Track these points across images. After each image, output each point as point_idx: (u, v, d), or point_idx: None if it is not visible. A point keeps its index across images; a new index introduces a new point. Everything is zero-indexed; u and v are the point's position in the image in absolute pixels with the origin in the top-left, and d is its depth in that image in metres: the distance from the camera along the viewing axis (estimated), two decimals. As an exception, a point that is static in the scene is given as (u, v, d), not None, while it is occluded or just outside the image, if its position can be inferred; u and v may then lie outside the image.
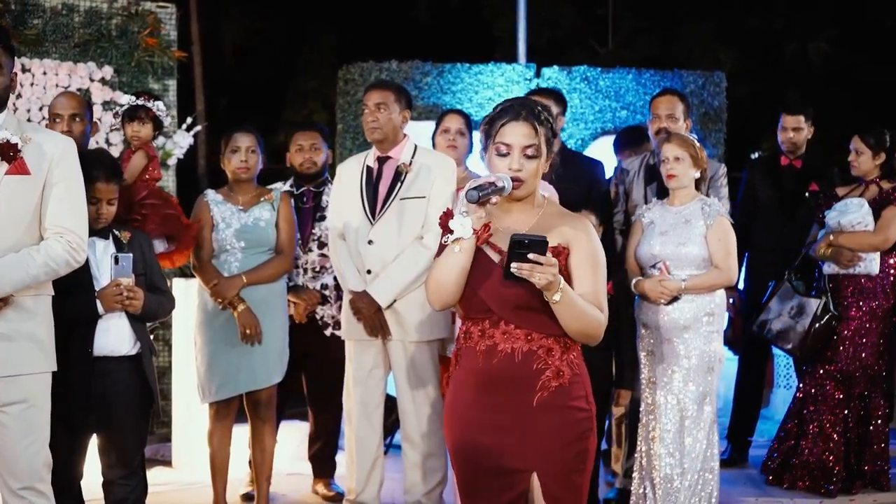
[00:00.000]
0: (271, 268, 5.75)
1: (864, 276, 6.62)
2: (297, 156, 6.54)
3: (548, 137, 3.59)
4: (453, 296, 3.60)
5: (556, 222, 3.61)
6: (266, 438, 5.85)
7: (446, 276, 3.56)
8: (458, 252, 3.51)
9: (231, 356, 5.68)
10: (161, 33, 7.75)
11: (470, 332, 3.63)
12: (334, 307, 6.38)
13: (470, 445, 3.62)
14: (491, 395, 3.57)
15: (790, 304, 6.59)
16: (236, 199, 5.80)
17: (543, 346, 3.53)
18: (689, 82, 10.37)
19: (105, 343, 4.67)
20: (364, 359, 5.72)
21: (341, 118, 10.35)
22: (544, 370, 3.53)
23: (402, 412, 5.72)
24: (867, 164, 6.69)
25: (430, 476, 5.70)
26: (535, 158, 3.57)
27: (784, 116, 7.45)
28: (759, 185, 7.43)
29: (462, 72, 10.32)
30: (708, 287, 5.57)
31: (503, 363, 3.54)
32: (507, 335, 3.55)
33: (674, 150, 5.64)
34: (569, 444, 3.55)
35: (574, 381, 3.56)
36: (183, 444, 7.02)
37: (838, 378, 6.64)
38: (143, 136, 5.62)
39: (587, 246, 3.58)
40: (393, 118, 5.67)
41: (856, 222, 6.55)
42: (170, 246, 5.52)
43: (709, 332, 5.58)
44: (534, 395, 3.52)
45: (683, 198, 5.69)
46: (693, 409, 5.54)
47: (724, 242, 5.57)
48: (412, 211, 5.61)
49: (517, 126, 3.57)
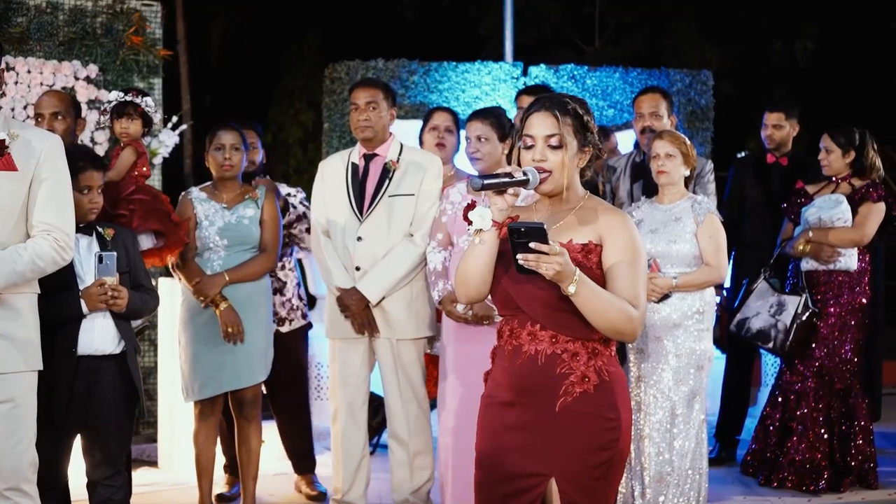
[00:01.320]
0: (254, 266, 5.71)
1: (843, 272, 6.64)
2: None
3: (576, 128, 3.50)
4: (477, 290, 3.53)
5: (591, 218, 3.51)
6: (252, 438, 5.81)
7: (470, 268, 3.50)
8: (480, 244, 3.45)
9: (214, 355, 5.65)
10: (146, 31, 7.70)
11: (502, 331, 3.57)
12: (277, 303, 6.33)
13: (495, 447, 3.55)
14: (519, 396, 3.49)
15: (769, 303, 6.59)
16: (220, 196, 5.78)
17: (569, 349, 3.44)
18: (676, 81, 10.37)
19: (89, 342, 4.63)
20: (350, 357, 5.69)
21: (328, 117, 10.32)
22: (568, 375, 3.43)
23: (390, 410, 5.70)
24: (838, 163, 6.71)
25: (417, 474, 5.68)
26: (559, 149, 3.48)
27: (766, 114, 7.48)
28: (745, 183, 7.45)
29: (449, 70, 10.30)
30: (699, 284, 5.56)
31: (526, 365, 3.46)
32: (532, 336, 3.46)
33: (665, 146, 5.62)
34: (591, 452, 3.43)
35: (601, 388, 3.44)
36: (168, 444, 6.99)
37: (819, 374, 6.64)
38: (132, 133, 5.58)
39: (622, 239, 3.45)
40: (382, 116, 5.66)
41: (835, 218, 6.57)
42: (158, 242, 5.48)
43: (699, 329, 5.57)
44: (556, 399, 3.43)
45: (673, 195, 5.68)
46: (682, 408, 5.53)
47: (715, 240, 5.56)
48: (401, 208, 5.59)
49: (539, 116, 3.52)
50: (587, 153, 3.54)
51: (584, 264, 3.41)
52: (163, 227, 5.45)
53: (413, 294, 5.61)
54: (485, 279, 3.50)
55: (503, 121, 5.51)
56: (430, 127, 6.24)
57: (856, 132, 6.71)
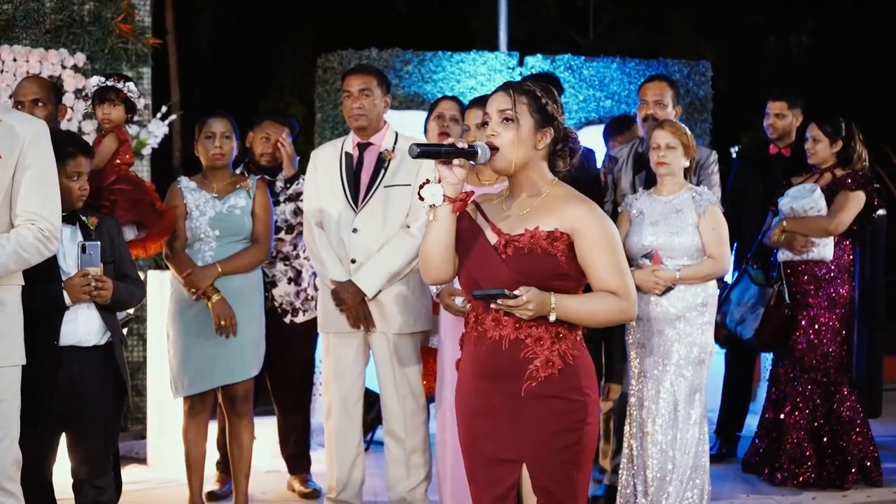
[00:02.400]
0: (247, 257, 5.58)
1: (821, 263, 6.54)
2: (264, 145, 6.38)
3: (532, 108, 3.47)
4: (439, 270, 3.55)
5: (558, 205, 3.48)
6: (244, 435, 5.67)
7: (429, 247, 3.53)
8: (434, 220, 3.46)
9: (205, 348, 5.51)
10: (135, 19, 7.56)
11: (468, 319, 3.57)
12: (292, 292, 6.23)
13: (470, 432, 3.57)
14: (486, 383, 3.49)
15: (748, 294, 6.50)
16: (211, 186, 5.65)
17: (532, 335, 3.42)
18: (674, 72, 10.25)
19: (73, 333, 4.47)
20: (344, 352, 5.55)
21: (320, 107, 10.16)
22: (532, 360, 3.42)
23: (385, 406, 5.56)
24: (824, 152, 6.62)
25: (414, 472, 5.53)
26: (511, 123, 3.45)
27: (768, 102, 7.39)
28: (747, 174, 7.34)
29: (444, 60, 10.15)
30: (703, 277, 5.45)
31: (491, 351, 3.46)
32: (496, 322, 3.46)
33: (666, 137, 5.50)
34: (557, 434, 3.42)
35: (566, 371, 3.43)
36: (157, 441, 6.85)
37: (801, 366, 6.55)
38: (115, 119, 5.42)
39: (595, 229, 3.43)
40: (377, 104, 5.52)
41: (808, 207, 6.48)
42: (140, 233, 5.34)
43: (701, 323, 5.45)
44: (521, 384, 3.43)
45: (672, 187, 5.57)
46: (684, 403, 5.41)
47: (718, 231, 5.45)
48: (397, 199, 5.45)
49: (495, 96, 3.52)
50: (546, 135, 3.50)
51: (550, 251, 3.41)
52: (145, 219, 5.31)
53: (410, 287, 5.47)
54: (445, 258, 3.52)
55: (503, 108, 5.36)
56: (435, 115, 6.10)
57: (842, 122, 6.62)
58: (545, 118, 3.49)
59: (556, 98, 3.55)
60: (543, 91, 3.52)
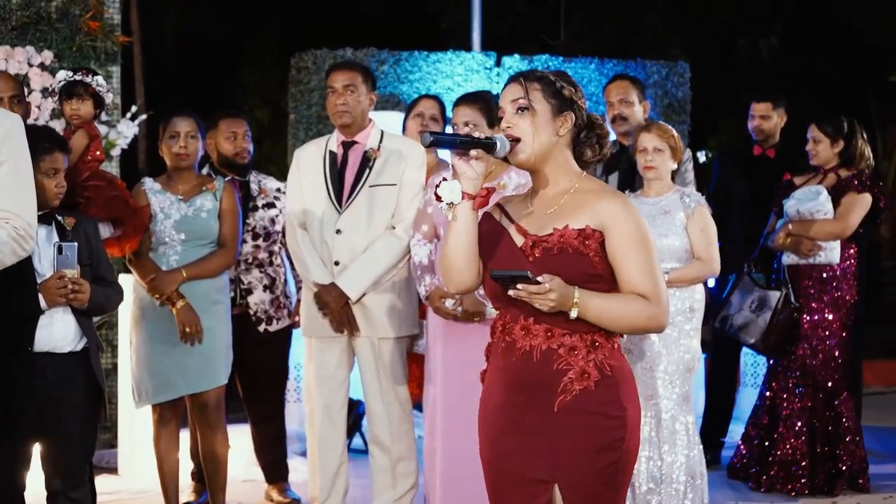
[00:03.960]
0: (214, 261, 5.40)
1: (825, 266, 6.44)
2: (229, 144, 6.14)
3: (547, 93, 3.26)
4: (463, 275, 3.30)
5: (589, 201, 3.23)
6: (217, 446, 5.47)
7: (451, 250, 3.28)
8: (454, 221, 3.23)
9: (171, 356, 5.31)
10: (104, 17, 7.35)
11: (495, 326, 3.32)
12: (267, 300, 6.05)
13: (497, 450, 3.31)
14: (516, 396, 3.24)
15: (751, 298, 6.41)
16: (176, 187, 5.46)
17: (565, 344, 3.17)
18: (652, 73, 10.16)
19: (48, 338, 4.29)
20: (328, 357, 5.38)
21: (293, 108, 9.96)
22: (566, 371, 3.16)
23: (371, 414, 5.40)
24: (826, 153, 6.53)
25: (400, 481, 5.37)
26: (527, 112, 3.23)
27: (752, 104, 7.31)
28: (731, 176, 7.25)
29: (420, 60, 10.00)
30: (692, 279, 5.35)
31: (521, 363, 3.20)
32: (526, 331, 3.20)
33: (653, 140, 5.41)
34: (595, 454, 3.17)
35: (603, 383, 3.17)
36: (129, 450, 6.65)
37: (802, 371, 6.45)
38: (83, 115, 5.23)
39: (627, 226, 3.19)
40: (361, 101, 5.36)
41: (814, 210, 6.38)
42: (116, 231, 5.14)
43: (689, 328, 5.35)
44: (555, 398, 3.17)
45: (659, 189, 5.47)
46: (674, 411, 5.29)
47: (706, 233, 5.36)
48: (382, 199, 5.29)
49: (507, 88, 3.32)
50: (567, 119, 3.28)
51: (581, 251, 3.17)
52: (122, 215, 5.12)
53: (395, 290, 5.32)
54: (468, 262, 3.28)
55: (492, 106, 5.19)
56: (414, 114, 5.98)
57: (844, 121, 6.54)
58: (563, 102, 3.27)
59: (573, 81, 3.34)
60: (557, 75, 3.31)
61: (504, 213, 3.36)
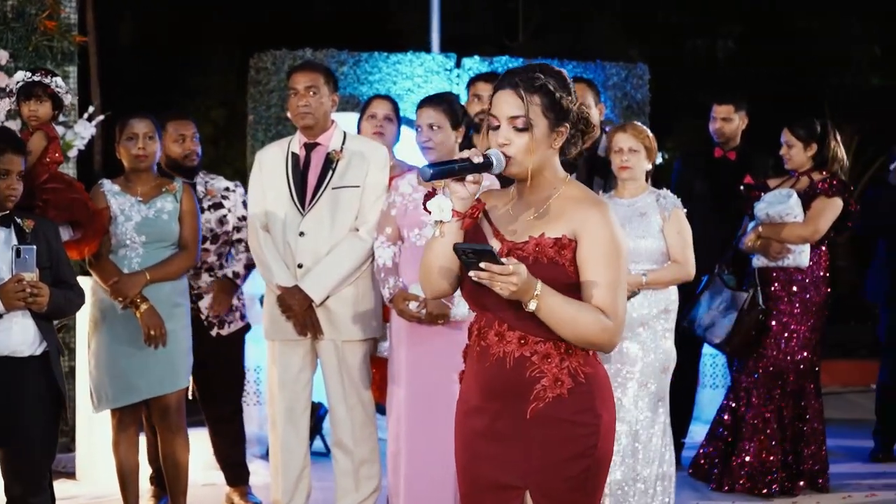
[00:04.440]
0: (176, 264, 5.35)
1: (794, 269, 6.46)
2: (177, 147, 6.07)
3: (546, 107, 3.15)
4: (440, 284, 3.26)
5: (568, 208, 3.17)
6: (179, 450, 5.41)
7: (433, 262, 3.23)
8: (440, 236, 3.16)
9: (133, 359, 5.24)
10: (61, 16, 7.26)
11: (471, 329, 3.28)
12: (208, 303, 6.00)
13: (470, 456, 3.27)
14: (489, 402, 3.20)
15: (720, 299, 6.41)
16: (135, 189, 5.39)
17: (539, 351, 3.12)
18: (611, 75, 10.18)
19: (6, 343, 4.24)
20: (291, 360, 5.34)
21: (252, 109, 9.87)
22: (539, 378, 3.12)
23: (334, 417, 5.37)
24: (800, 157, 6.54)
25: (363, 484, 5.35)
26: (526, 132, 3.14)
27: (714, 106, 7.32)
28: (693, 177, 7.26)
29: (380, 61, 9.95)
30: (668, 282, 5.36)
31: (494, 369, 3.16)
32: (500, 337, 3.16)
33: (629, 140, 5.40)
34: (567, 461, 3.13)
35: (576, 391, 3.12)
36: (87, 455, 6.58)
37: (770, 373, 6.46)
38: (42, 116, 5.16)
39: (598, 234, 3.12)
40: (324, 102, 5.32)
41: (784, 213, 6.39)
42: (76, 233, 5.07)
43: (664, 329, 5.36)
44: (528, 405, 3.13)
45: (634, 190, 5.47)
46: (648, 413, 5.29)
47: (683, 236, 5.37)
48: (346, 201, 5.26)
49: (504, 95, 3.18)
50: (562, 132, 3.20)
51: (557, 260, 3.11)
52: (81, 217, 5.06)
53: (359, 292, 5.29)
54: (449, 273, 3.23)
55: (456, 107, 5.19)
56: (368, 115, 5.95)
57: (817, 124, 6.55)
58: (560, 114, 3.18)
59: (570, 86, 3.24)
60: (557, 84, 3.19)
61: (486, 217, 3.28)
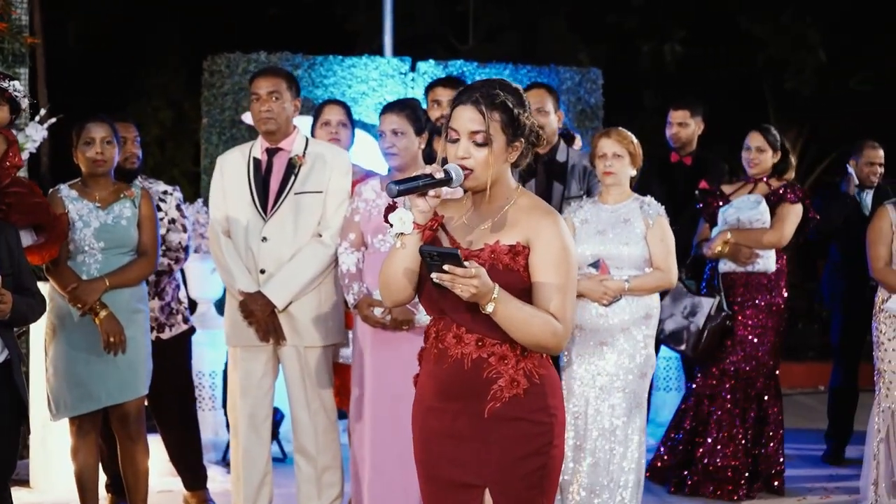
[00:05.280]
0: (135, 270, 5.30)
1: (761, 274, 6.53)
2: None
3: (505, 123, 3.24)
4: (402, 293, 3.33)
5: (521, 217, 3.28)
6: (138, 457, 5.37)
7: (393, 273, 3.31)
8: (401, 248, 3.24)
9: (92, 366, 5.19)
10: (11, 17, 7.15)
11: (428, 333, 3.37)
12: (156, 307, 5.91)
13: (429, 455, 3.36)
14: (447, 402, 3.29)
15: (682, 304, 6.44)
16: (93, 195, 5.33)
17: (496, 353, 3.23)
18: (565, 79, 10.21)
19: None
20: (253, 366, 5.31)
21: (206, 112, 9.78)
22: (496, 379, 3.23)
23: (296, 423, 5.34)
24: (767, 163, 6.62)
25: (326, 491, 5.33)
26: (484, 146, 3.23)
27: (670, 111, 7.36)
28: (649, 182, 7.28)
29: (335, 65, 9.90)
30: (651, 289, 5.39)
31: (452, 370, 3.26)
32: (458, 339, 3.26)
33: (613, 146, 5.42)
34: (524, 458, 3.24)
35: (532, 391, 3.24)
36: (42, 462, 6.49)
37: (735, 377, 6.52)
38: (0, 120, 5.09)
39: (550, 241, 3.23)
40: (286, 107, 5.30)
41: (754, 219, 6.48)
42: (39, 238, 5.00)
43: (645, 335, 5.39)
44: (485, 405, 3.24)
45: (618, 196, 5.48)
46: (624, 417, 5.31)
47: (666, 243, 5.40)
48: (308, 206, 5.24)
49: (465, 110, 3.25)
50: (517, 148, 3.31)
51: (512, 267, 3.22)
52: (44, 221, 4.99)
53: (321, 298, 5.27)
54: (409, 282, 3.31)
55: (419, 113, 5.19)
56: (322, 122, 5.94)
57: (776, 133, 6.63)
58: (517, 130, 3.28)
59: (526, 102, 3.33)
60: (515, 101, 3.28)
61: (442, 226, 3.36)
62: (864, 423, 6.22)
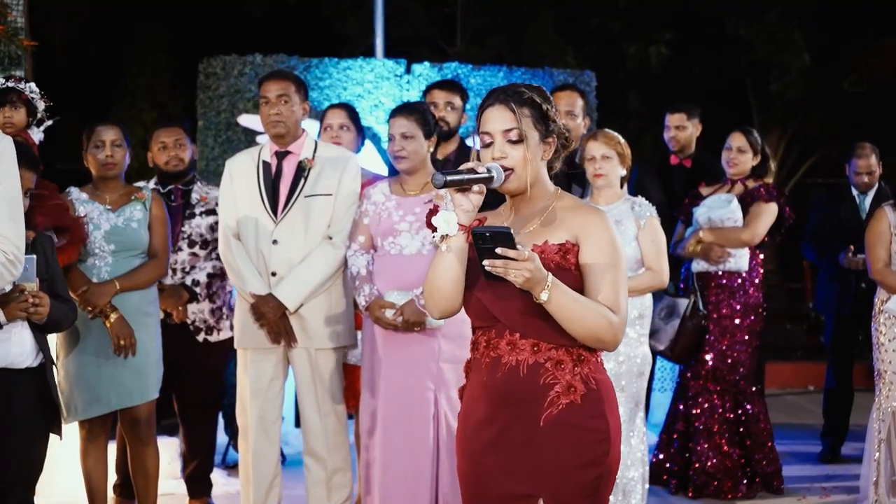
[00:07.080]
0: (146, 273, 5.32)
1: (735, 273, 6.56)
2: (161, 154, 6.04)
3: (536, 119, 3.24)
4: (451, 301, 3.25)
5: (566, 216, 3.25)
6: (149, 461, 5.38)
7: (440, 279, 3.22)
8: (447, 251, 3.18)
9: (102, 369, 5.19)
10: (8, 20, 7.13)
11: (477, 343, 3.29)
12: (206, 309, 5.94)
13: (477, 468, 3.28)
14: (500, 412, 3.22)
15: (660, 305, 6.47)
16: (103, 197, 5.35)
17: (552, 358, 3.17)
18: (559, 81, 10.24)
19: (6, 354, 4.14)
20: (264, 368, 5.31)
21: (202, 114, 9.77)
22: (553, 385, 3.16)
23: (306, 425, 5.34)
24: (748, 164, 6.66)
25: (336, 493, 5.34)
26: (520, 143, 3.21)
27: (667, 115, 7.39)
28: (648, 185, 7.32)
29: (330, 67, 9.91)
30: (644, 290, 5.42)
31: (507, 377, 3.19)
32: (512, 346, 3.19)
33: (601, 148, 5.45)
34: (581, 468, 3.17)
35: (589, 397, 3.17)
36: (49, 466, 6.40)
37: (713, 376, 6.55)
38: (17, 122, 5.14)
39: (599, 238, 3.20)
40: (295, 111, 5.31)
41: (725, 218, 6.50)
42: (60, 240, 5.00)
43: (639, 334, 5.42)
44: (541, 412, 3.17)
45: (609, 197, 5.51)
46: (627, 417, 5.35)
47: (657, 244, 5.43)
48: (318, 209, 5.25)
49: (495, 111, 3.25)
50: (551, 144, 3.29)
51: (563, 265, 3.18)
52: (66, 223, 5.00)
53: (332, 300, 5.28)
54: (457, 289, 3.23)
55: (428, 117, 5.21)
56: (324, 126, 5.98)
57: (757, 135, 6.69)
58: (548, 126, 3.28)
59: (551, 99, 3.33)
60: (541, 97, 3.28)
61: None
62: (859, 421, 6.24)
